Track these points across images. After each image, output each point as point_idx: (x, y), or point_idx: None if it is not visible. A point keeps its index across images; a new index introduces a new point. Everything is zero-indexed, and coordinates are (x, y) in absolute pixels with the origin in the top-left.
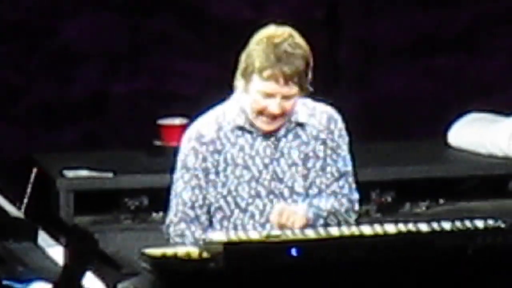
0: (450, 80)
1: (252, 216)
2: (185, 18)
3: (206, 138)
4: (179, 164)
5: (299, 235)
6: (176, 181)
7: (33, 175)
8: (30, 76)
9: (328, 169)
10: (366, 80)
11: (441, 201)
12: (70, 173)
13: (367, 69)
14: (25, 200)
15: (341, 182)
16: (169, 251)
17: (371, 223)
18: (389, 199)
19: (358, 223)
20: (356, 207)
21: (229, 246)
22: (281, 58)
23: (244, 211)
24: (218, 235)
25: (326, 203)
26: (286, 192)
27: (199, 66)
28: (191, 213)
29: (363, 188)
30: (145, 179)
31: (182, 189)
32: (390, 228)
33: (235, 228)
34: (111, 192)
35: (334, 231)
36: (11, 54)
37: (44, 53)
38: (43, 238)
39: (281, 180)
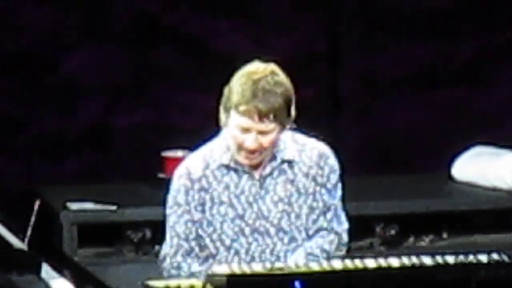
0: (453, 113)
1: (237, 253)
2: (187, 50)
3: (194, 176)
4: (170, 201)
5: (302, 268)
6: (169, 216)
7: (36, 207)
8: (31, 108)
9: (315, 204)
10: (368, 113)
11: (445, 235)
12: (73, 206)
13: (368, 102)
14: (28, 233)
15: (328, 216)
16: (172, 283)
17: (374, 256)
18: (393, 232)
19: (361, 256)
20: (345, 238)
21: (232, 278)
22: (257, 95)
23: (228, 248)
24: (221, 268)
25: (316, 248)
26: (271, 230)
27: (201, 98)
28: (186, 245)
29: (367, 221)
30: (148, 211)
31: (175, 223)
32: (394, 262)
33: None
34: (114, 224)
35: (338, 264)
36: (12, 87)
37: (45, 85)
38: (46, 271)
39: (266, 218)
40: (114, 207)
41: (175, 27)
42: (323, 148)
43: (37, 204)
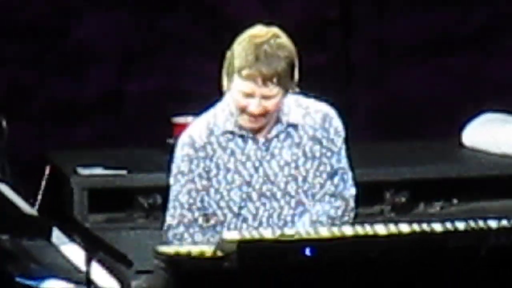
0: (465, 79)
1: (245, 220)
2: (198, 16)
3: (198, 144)
4: (174, 170)
5: (313, 234)
6: (172, 186)
7: (46, 173)
8: (43, 75)
9: (322, 167)
10: (379, 80)
11: (455, 201)
12: (84, 171)
13: (380, 69)
14: (39, 198)
15: (335, 179)
16: (182, 249)
17: (385, 222)
18: (403, 199)
19: (372, 222)
20: (351, 203)
21: (243, 245)
22: (260, 58)
23: (237, 215)
24: (231, 234)
25: (322, 215)
26: (278, 194)
27: (212, 65)
28: (189, 215)
29: (377, 188)
30: (159, 177)
31: (178, 193)
32: (404, 228)
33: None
34: (124, 190)
35: (348, 230)
36: (24, 53)
37: (57, 52)
38: (57, 236)
39: (272, 182)
40: (124, 172)
41: None
42: (327, 110)
43: (48, 169)
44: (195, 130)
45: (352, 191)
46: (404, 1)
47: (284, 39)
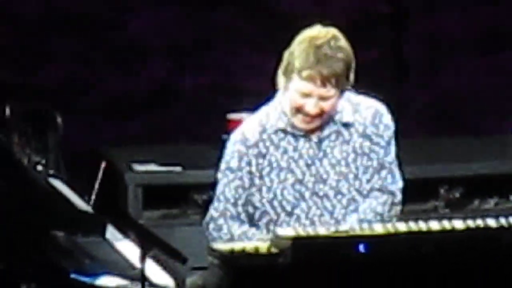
0: None
1: (298, 218)
2: (250, 11)
3: (251, 141)
4: (223, 165)
5: (367, 231)
6: (220, 181)
7: (101, 169)
8: (97, 70)
9: (370, 162)
10: (432, 76)
11: (510, 197)
12: (138, 167)
13: (433, 65)
14: (94, 194)
15: (383, 173)
16: (237, 246)
17: (439, 218)
18: (458, 195)
19: (426, 218)
20: (398, 197)
21: (297, 241)
22: (320, 60)
23: (290, 214)
24: (286, 231)
25: (369, 212)
26: (330, 193)
27: (264, 60)
28: (233, 210)
29: (431, 184)
30: (213, 173)
31: (224, 187)
32: (458, 224)
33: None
34: (179, 186)
35: (402, 226)
36: (78, 48)
37: (111, 47)
38: (111, 232)
39: (324, 181)
40: (179, 169)
41: None
42: (377, 106)
43: (102, 165)
44: (248, 127)
45: (399, 184)
46: None
47: (342, 41)
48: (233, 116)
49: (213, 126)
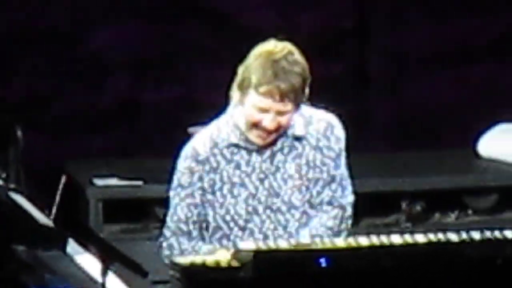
0: (481, 89)
1: (251, 233)
2: (213, 25)
3: (202, 157)
4: (174, 182)
5: (328, 244)
6: (172, 199)
7: (62, 183)
8: (59, 84)
9: (320, 175)
10: (396, 90)
11: (471, 211)
12: (99, 182)
13: (397, 79)
14: (54, 208)
15: (333, 186)
16: (198, 259)
17: (400, 232)
18: (419, 209)
19: (387, 232)
20: (349, 211)
21: (258, 254)
22: (278, 75)
23: (243, 229)
24: (247, 244)
25: (320, 227)
26: (283, 207)
27: (227, 74)
28: (184, 228)
29: (393, 198)
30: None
31: (176, 205)
32: (420, 238)
33: (234, 244)
34: (140, 200)
35: (364, 240)
36: (41, 62)
37: (73, 61)
38: (72, 246)
39: (278, 195)
40: (140, 183)
41: (203, 3)
42: (329, 118)
43: (63, 179)
44: (198, 142)
45: (350, 198)
46: (420, 11)
47: (298, 55)
48: (194, 129)
49: (175, 140)
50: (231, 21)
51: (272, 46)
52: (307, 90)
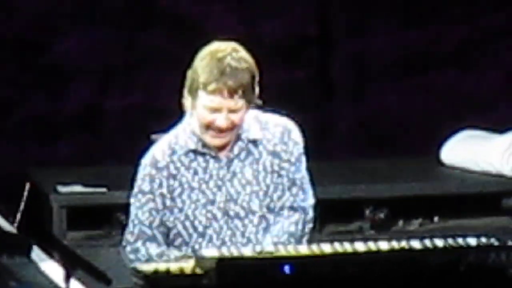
0: (443, 97)
1: (210, 239)
2: (178, 33)
3: (161, 164)
4: (135, 189)
5: (292, 252)
6: (133, 205)
7: (26, 190)
8: (23, 91)
9: (280, 179)
10: (359, 97)
11: (434, 218)
12: (63, 189)
13: (360, 86)
14: (18, 215)
15: (294, 190)
16: (161, 266)
17: (364, 240)
18: (382, 216)
19: (351, 239)
20: (310, 214)
21: (222, 262)
22: (225, 72)
23: (202, 235)
24: (210, 251)
25: (283, 234)
26: (241, 213)
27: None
28: (148, 232)
29: (356, 205)
30: None
31: (138, 210)
32: (383, 245)
33: (193, 251)
34: (103, 207)
35: (327, 247)
36: (4, 69)
37: (38, 68)
38: (36, 253)
39: (235, 201)
40: (104, 190)
41: (168, 10)
42: (286, 123)
43: (27, 186)
44: (157, 150)
45: (310, 201)
46: (383, 18)
47: (243, 52)
48: (157, 136)
49: (139, 147)
50: (195, 28)
51: (216, 46)
52: (257, 88)
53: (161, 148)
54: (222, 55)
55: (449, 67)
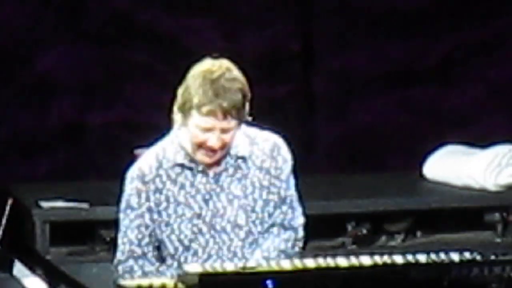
0: (425, 112)
1: (195, 253)
2: (160, 48)
3: (148, 177)
4: (123, 204)
5: (274, 267)
6: (122, 221)
7: (8, 206)
8: (4, 106)
9: (271, 196)
10: (341, 112)
11: (417, 233)
12: (46, 204)
13: (342, 101)
14: (0, 231)
15: (284, 208)
16: (144, 282)
17: (346, 255)
18: (365, 231)
19: (333, 255)
20: (300, 233)
21: (204, 277)
22: (219, 94)
23: (187, 248)
24: (193, 267)
25: (273, 251)
26: (228, 227)
27: (174, 96)
28: (138, 251)
29: (339, 220)
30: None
31: (127, 228)
32: (366, 260)
33: (179, 265)
34: (86, 223)
35: (310, 262)
36: None
37: (19, 83)
38: (19, 269)
39: (222, 216)
40: (86, 205)
41: (148, 26)
42: (275, 139)
43: (9, 202)
44: (144, 163)
45: (300, 220)
46: (365, 32)
47: (236, 71)
48: (140, 151)
49: (121, 162)
50: (176, 43)
51: (209, 65)
52: (247, 106)
53: (148, 161)
54: (215, 76)
55: (432, 82)
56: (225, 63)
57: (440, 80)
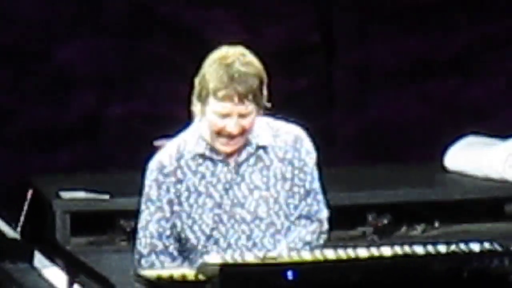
0: (446, 103)
1: (216, 242)
2: (180, 40)
3: (168, 169)
4: (144, 197)
5: (295, 258)
6: (142, 214)
7: (29, 197)
8: (24, 99)
9: (296, 189)
10: (361, 104)
11: (437, 224)
12: (66, 195)
13: (362, 93)
14: (21, 222)
15: (309, 200)
16: (164, 273)
17: (367, 246)
18: (385, 222)
19: (354, 245)
20: (326, 226)
21: (225, 268)
22: (234, 78)
23: (208, 238)
24: (214, 258)
25: (298, 242)
26: (248, 217)
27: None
28: (160, 244)
29: (359, 211)
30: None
31: (148, 222)
32: (386, 251)
33: (201, 255)
34: (107, 213)
35: (331, 254)
36: (5, 78)
37: (38, 76)
38: (39, 260)
39: (242, 205)
40: (106, 196)
41: (168, 17)
42: (297, 131)
43: (30, 193)
44: (164, 155)
45: (325, 212)
46: (385, 26)
47: (251, 56)
48: (160, 142)
49: (141, 154)
50: (196, 35)
51: (224, 52)
52: (265, 91)
53: (168, 152)
54: (230, 61)
55: (452, 74)
56: (239, 48)
57: (460, 73)
